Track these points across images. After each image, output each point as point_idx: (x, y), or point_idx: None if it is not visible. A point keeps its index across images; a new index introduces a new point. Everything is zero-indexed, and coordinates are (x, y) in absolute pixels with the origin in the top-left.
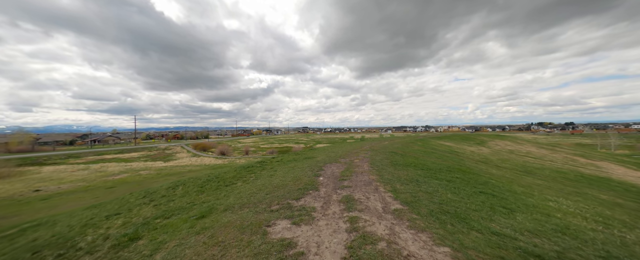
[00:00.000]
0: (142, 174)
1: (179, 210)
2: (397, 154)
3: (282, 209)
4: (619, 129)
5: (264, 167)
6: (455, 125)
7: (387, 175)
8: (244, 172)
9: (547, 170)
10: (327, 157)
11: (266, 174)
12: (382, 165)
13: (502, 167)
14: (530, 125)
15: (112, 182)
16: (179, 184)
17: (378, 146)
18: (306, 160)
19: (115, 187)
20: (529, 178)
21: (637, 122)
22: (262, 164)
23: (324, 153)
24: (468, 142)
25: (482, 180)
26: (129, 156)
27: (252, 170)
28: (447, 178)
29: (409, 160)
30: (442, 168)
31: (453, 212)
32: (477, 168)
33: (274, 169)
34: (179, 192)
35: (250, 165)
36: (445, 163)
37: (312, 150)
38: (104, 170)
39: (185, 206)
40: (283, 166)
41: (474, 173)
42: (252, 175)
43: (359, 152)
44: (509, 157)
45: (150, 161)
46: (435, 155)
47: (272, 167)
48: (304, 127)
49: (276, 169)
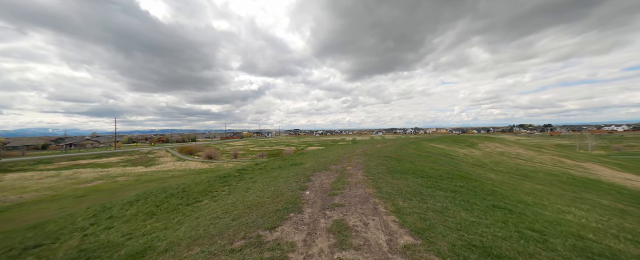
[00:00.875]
0: (119, 180)
1: (103, 248)
2: (392, 159)
3: (248, 246)
4: (592, 131)
5: (242, 177)
6: (442, 127)
7: (385, 186)
8: (217, 183)
9: (541, 173)
10: (316, 163)
11: (242, 186)
12: (378, 173)
13: (498, 171)
14: (512, 127)
15: (84, 190)
16: (139, 199)
17: (371, 150)
18: (293, 168)
19: (87, 196)
20: (528, 183)
21: (608, 124)
22: (242, 173)
23: (313, 158)
24: (459, 145)
25: (487, 189)
26: (107, 161)
27: (227, 181)
28: (452, 188)
29: (405, 166)
30: (442, 175)
31: (479, 244)
32: (476, 173)
33: (254, 179)
34: (130, 213)
35: (226, 175)
36: (443, 168)
37: (301, 155)
38: (76, 177)
39: (117, 241)
40: (265, 175)
41: (476, 180)
42: (225, 187)
43: (352, 157)
44: (501, 159)
45: (130, 166)
46: (431, 159)
47: (252, 177)
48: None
49: (256, 179)
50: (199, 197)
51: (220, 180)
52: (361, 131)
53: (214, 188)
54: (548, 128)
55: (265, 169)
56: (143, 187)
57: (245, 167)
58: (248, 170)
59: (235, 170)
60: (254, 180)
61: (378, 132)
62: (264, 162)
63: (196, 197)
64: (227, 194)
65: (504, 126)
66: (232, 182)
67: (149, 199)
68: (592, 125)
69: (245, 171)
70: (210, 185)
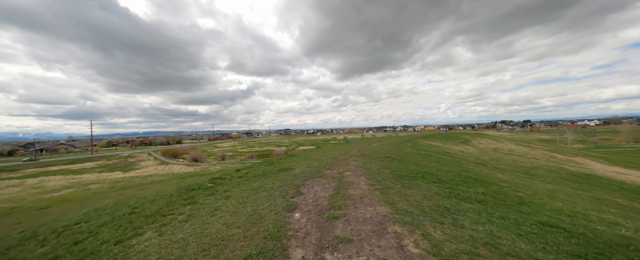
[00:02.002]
0: (91, 188)
1: None
2: (393, 160)
3: None
4: (567, 126)
5: (215, 190)
6: (430, 125)
7: (399, 200)
8: (180, 199)
9: (541, 170)
10: (308, 167)
11: (210, 205)
12: (384, 180)
13: (502, 170)
14: (495, 123)
15: (48, 201)
16: (61, 229)
17: (368, 150)
18: (280, 175)
19: (50, 208)
20: (538, 182)
21: (580, 119)
22: (215, 183)
23: (304, 161)
24: (453, 141)
25: (512, 195)
26: (80, 167)
27: (193, 196)
28: (474, 196)
29: (411, 169)
30: (454, 178)
31: None
32: (484, 174)
33: (228, 193)
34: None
35: (196, 186)
36: (450, 169)
37: (291, 158)
38: (42, 185)
39: None
40: (244, 186)
41: (491, 183)
42: (188, 207)
43: (348, 159)
44: (497, 156)
45: (107, 172)
46: (433, 159)
47: (227, 190)
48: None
49: (232, 192)
50: (143, 225)
51: (186, 194)
52: (352, 130)
53: (172, 208)
54: (527, 124)
55: (246, 176)
56: (118, 195)
57: (223, 174)
58: (224, 180)
59: (209, 180)
60: (228, 194)
61: (368, 130)
62: (246, 168)
63: (141, 224)
64: (184, 219)
65: (488, 122)
66: (199, 197)
67: (68, 233)
68: (567, 120)
69: (220, 180)
70: (170, 202)
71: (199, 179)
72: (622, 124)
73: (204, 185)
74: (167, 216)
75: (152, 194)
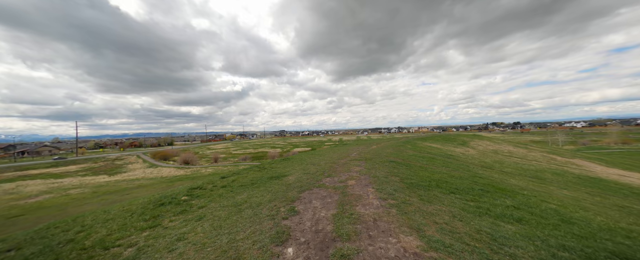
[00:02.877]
0: (71, 193)
1: None
2: (399, 164)
3: None
4: (556, 127)
5: (188, 206)
6: (424, 126)
7: (427, 225)
8: (138, 220)
9: (547, 173)
10: (304, 174)
11: (174, 231)
12: (397, 192)
13: (509, 173)
14: (487, 125)
15: (22, 208)
16: None
17: (368, 152)
18: (271, 184)
19: (23, 216)
20: (553, 187)
21: (568, 120)
22: (192, 195)
23: (300, 166)
24: (452, 143)
25: (543, 207)
26: (64, 170)
27: (158, 215)
28: (507, 212)
29: (421, 175)
30: (471, 187)
31: None
32: (498, 179)
33: (204, 211)
34: None
35: (167, 200)
36: (461, 174)
37: (285, 162)
38: (19, 191)
39: None
40: (224, 200)
41: (509, 190)
42: (143, 234)
43: (349, 164)
44: (499, 158)
45: (91, 175)
46: (439, 162)
47: (203, 207)
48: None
49: (208, 210)
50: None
51: (152, 211)
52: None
53: (124, 234)
54: (518, 125)
55: (231, 186)
56: (99, 201)
57: (205, 182)
58: (204, 190)
59: (186, 190)
60: (202, 213)
61: (363, 132)
62: (233, 175)
63: (77, 257)
64: (131, 257)
65: (480, 124)
66: (165, 217)
67: None
68: (554, 122)
69: (199, 192)
70: (126, 224)
71: (173, 190)
72: (607, 126)
73: (177, 199)
74: (110, 249)
75: (116, 208)
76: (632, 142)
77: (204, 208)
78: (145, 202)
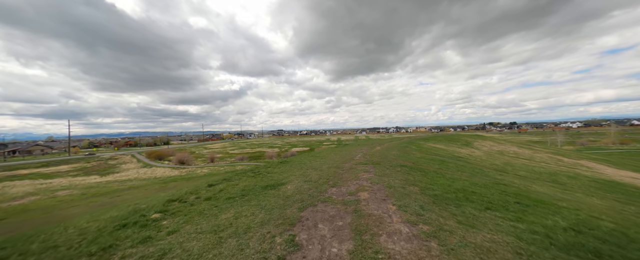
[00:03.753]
0: (59, 195)
1: None
2: (412, 170)
3: None
4: (552, 128)
5: (155, 230)
6: (422, 126)
7: None
8: (82, 253)
9: (562, 177)
10: (305, 182)
11: None
12: (425, 210)
13: (527, 178)
14: (484, 125)
15: (4, 211)
16: None
17: (373, 155)
18: (265, 196)
19: (5, 220)
20: (580, 194)
21: (563, 121)
22: (166, 212)
23: (299, 171)
24: (456, 144)
25: (602, 227)
26: (55, 170)
27: (112, 245)
28: (575, 240)
29: (440, 182)
30: (505, 199)
31: None
32: (520, 185)
33: (171, 241)
34: None
35: (129, 221)
36: (482, 181)
37: (282, 166)
38: (4, 192)
39: None
40: (204, 222)
41: (548, 203)
42: None
43: (356, 169)
44: (508, 160)
45: (82, 176)
46: (452, 166)
47: (174, 231)
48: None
49: (177, 238)
50: None
51: (105, 237)
52: (345, 131)
53: None
54: (514, 125)
55: (216, 197)
56: (88, 204)
57: (187, 192)
58: (184, 204)
59: (162, 203)
60: (168, 244)
61: (362, 131)
62: (222, 182)
63: None
64: None
65: (477, 124)
66: (118, 250)
67: None
68: (550, 122)
69: (176, 206)
70: (64, 257)
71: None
72: (602, 126)
73: (146, 217)
74: None
75: (74, 225)
76: (629, 142)
77: (174, 234)
78: (107, 220)
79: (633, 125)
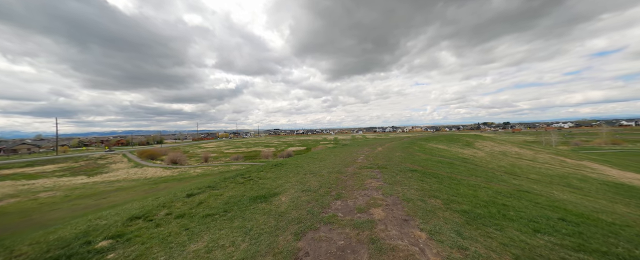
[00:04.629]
0: (41, 197)
1: None
2: (424, 175)
3: None
4: (545, 128)
5: None
6: (417, 126)
7: None
8: None
9: (573, 180)
10: (302, 191)
11: None
12: (463, 237)
13: (543, 182)
14: (478, 125)
15: None
16: None
17: (376, 156)
18: (253, 212)
19: None
20: (602, 200)
21: (555, 121)
22: (120, 238)
23: (296, 177)
24: (457, 144)
25: None
26: (40, 170)
27: None
28: None
29: (462, 192)
30: (545, 215)
31: None
32: (546, 193)
33: None
34: None
35: (62, 253)
36: (506, 189)
37: (276, 170)
38: None
39: None
40: (163, 254)
41: (592, 218)
42: None
43: (361, 174)
44: (513, 162)
45: (69, 176)
46: (463, 170)
47: None
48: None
49: None
50: None
51: None
52: (342, 130)
53: None
54: (508, 125)
55: (191, 215)
56: (71, 206)
57: (160, 204)
58: (149, 223)
59: (122, 222)
60: None
61: (358, 130)
62: (204, 189)
63: None
64: None
65: (471, 124)
66: None
67: None
68: (542, 122)
69: (141, 223)
70: None
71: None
72: (592, 126)
73: (90, 245)
74: None
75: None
76: (621, 142)
77: None
78: (49, 244)
79: (622, 126)
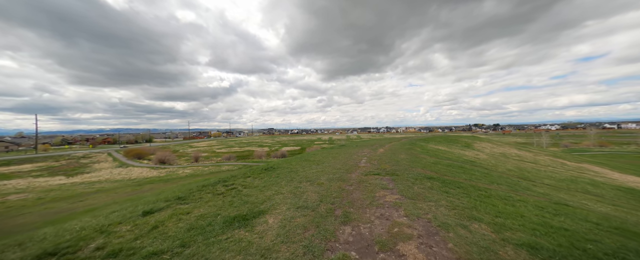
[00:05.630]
0: (10, 200)
1: None
2: (446, 184)
3: None
4: (534, 130)
5: None
6: (411, 127)
7: None
8: None
9: (582, 184)
10: (296, 209)
11: None
12: None
13: (558, 188)
14: (470, 126)
15: None
16: None
17: (381, 159)
18: (220, 245)
19: None
20: (625, 207)
21: (543, 123)
22: None
23: (289, 186)
24: (456, 145)
25: None
26: (15, 170)
27: None
28: None
29: (505, 211)
30: (625, 244)
31: None
32: (573, 202)
33: None
34: None
35: None
36: (541, 202)
37: (266, 176)
38: None
39: None
40: None
41: None
42: None
43: (369, 183)
44: (516, 164)
45: (46, 176)
46: (480, 176)
47: None
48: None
49: None
50: None
51: None
52: (336, 130)
53: None
54: (498, 127)
55: (128, 251)
56: (42, 210)
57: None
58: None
59: (35, 256)
60: None
61: (353, 131)
62: (168, 206)
63: None
64: None
65: (463, 125)
66: None
67: None
68: (530, 124)
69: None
70: None
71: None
72: (578, 129)
73: None
74: None
75: None
76: (608, 144)
77: None
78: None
79: (605, 129)
